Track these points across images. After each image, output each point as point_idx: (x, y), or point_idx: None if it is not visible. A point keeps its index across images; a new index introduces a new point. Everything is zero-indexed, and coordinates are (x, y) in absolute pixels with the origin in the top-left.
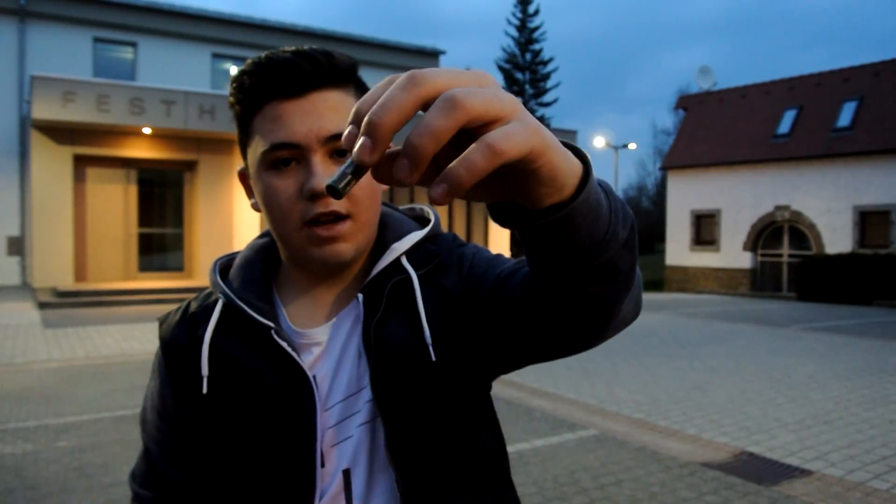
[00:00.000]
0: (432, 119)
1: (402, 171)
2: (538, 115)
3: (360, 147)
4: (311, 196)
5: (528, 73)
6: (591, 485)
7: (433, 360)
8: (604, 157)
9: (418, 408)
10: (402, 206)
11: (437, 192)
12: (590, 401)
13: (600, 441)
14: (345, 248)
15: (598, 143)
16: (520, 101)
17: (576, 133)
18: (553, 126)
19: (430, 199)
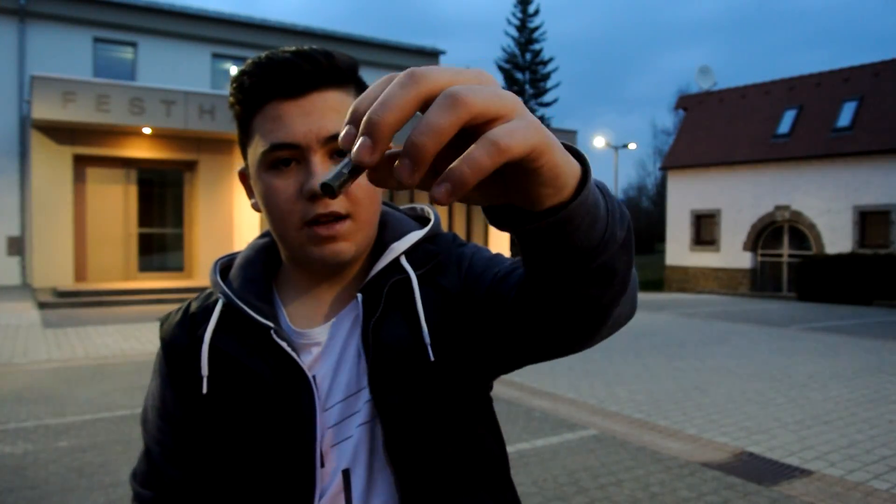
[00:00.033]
0: (434, 117)
1: (404, 171)
2: (538, 114)
3: (360, 147)
4: (310, 196)
5: (528, 73)
6: (591, 485)
7: (432, 359)
8: (604, 157)
9: (416, 408)
10: (402, 206)
11: (439, 191)
12: (590, 401)
13: (600, 441)
14: (344, 248)
15: (598, 143)
16: (520, 99)
17: (576, 133)
18: (553, 126)
19: (431, 199)
